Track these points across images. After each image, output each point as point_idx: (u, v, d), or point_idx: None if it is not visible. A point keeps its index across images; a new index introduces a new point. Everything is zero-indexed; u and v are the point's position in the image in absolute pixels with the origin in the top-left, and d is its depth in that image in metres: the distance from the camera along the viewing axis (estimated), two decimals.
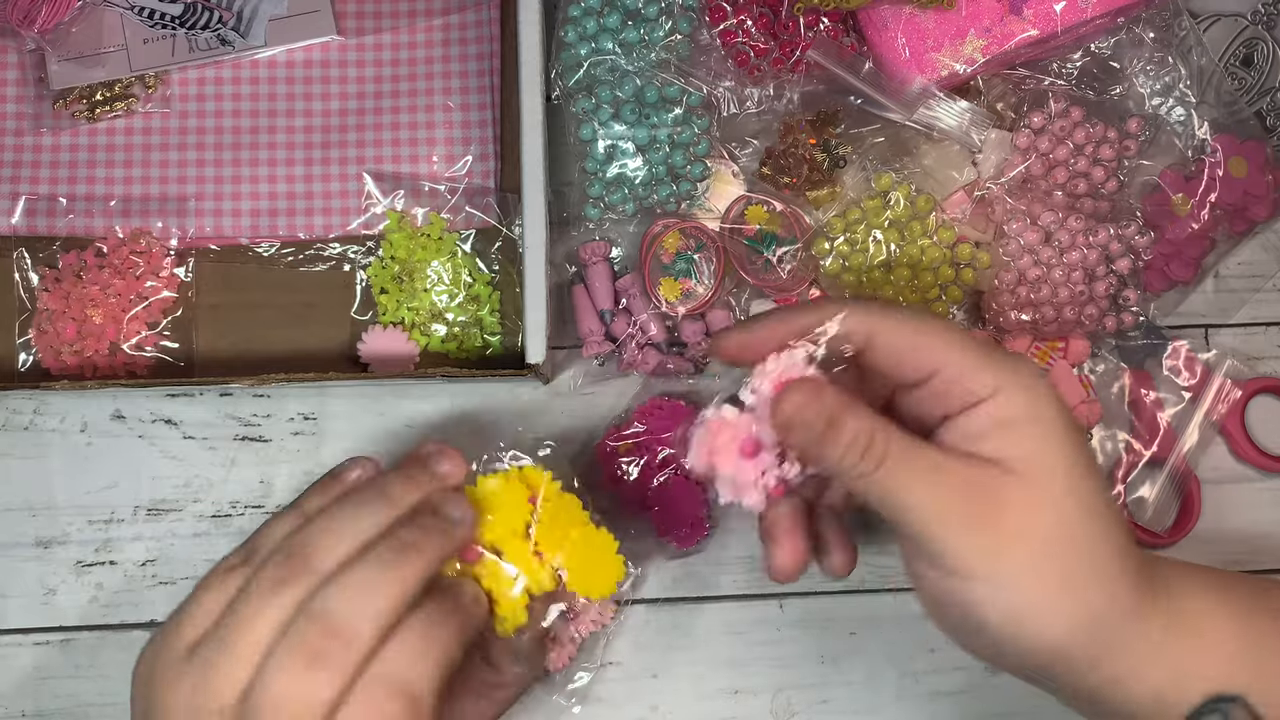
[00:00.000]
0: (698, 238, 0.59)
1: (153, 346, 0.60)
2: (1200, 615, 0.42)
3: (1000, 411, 0.41)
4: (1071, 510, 0.41)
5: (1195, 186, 0.59)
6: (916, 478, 0.41)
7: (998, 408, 0.41)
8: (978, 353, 0.42)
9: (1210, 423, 0.60)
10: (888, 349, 0.43)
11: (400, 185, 0.61)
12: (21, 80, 0.62)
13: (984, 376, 0.41)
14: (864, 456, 0.41)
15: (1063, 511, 0.41)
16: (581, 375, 0.60)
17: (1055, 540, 0.40)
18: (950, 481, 0.41)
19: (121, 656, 0.58)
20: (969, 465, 0.41)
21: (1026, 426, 0.41)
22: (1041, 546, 0.40)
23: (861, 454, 0.41)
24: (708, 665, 0.59)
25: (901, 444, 0.41)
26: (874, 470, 0.41)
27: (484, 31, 0.62)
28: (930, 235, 0.58)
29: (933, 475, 0.41)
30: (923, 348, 0.42)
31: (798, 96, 0.59)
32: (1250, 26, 0.62)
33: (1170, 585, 0.43)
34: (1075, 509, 0.41)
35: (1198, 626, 0.42)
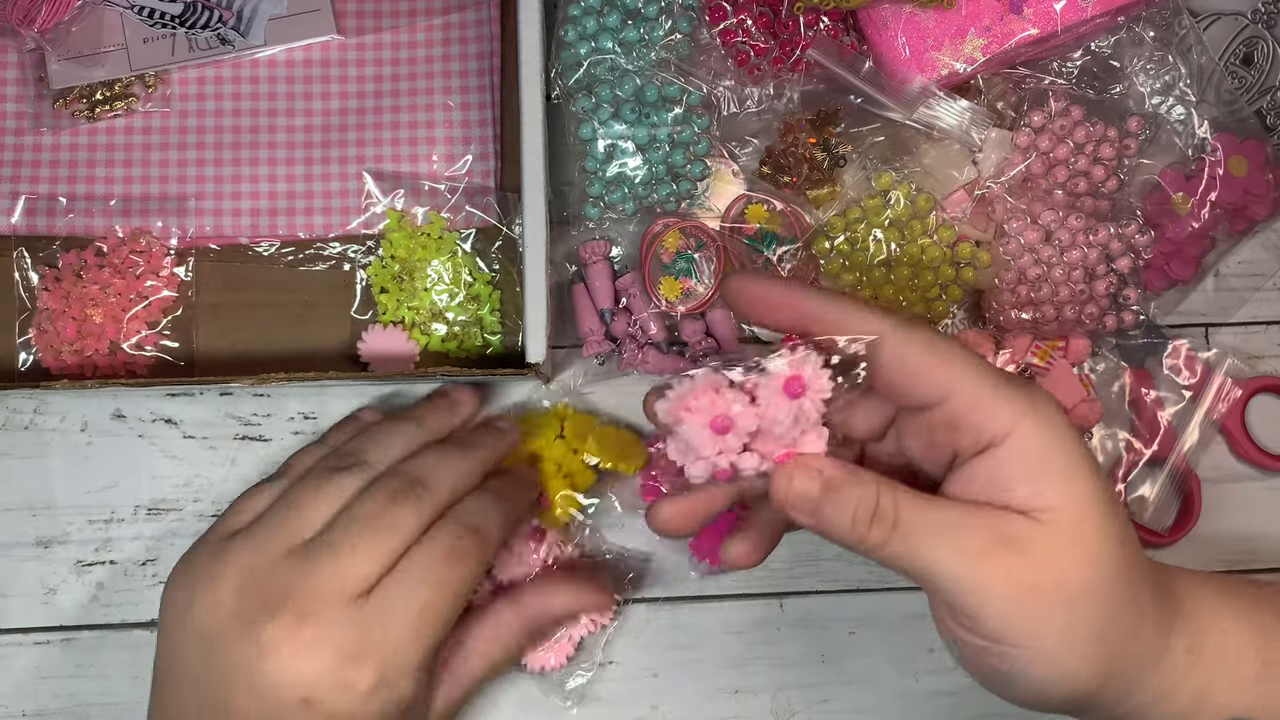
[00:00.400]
0: (698, 237, 0.59)
1: (153, 346, 0.60)
2: (1221, 637, 0.42)
3: (1021, 454, 0.38)
4: (1106, 555, 0.39)
5: (1195, 185, 0.59)
6: (937, 541, 0.38)
7: (1017, 451, 0.38)
8: (994, 381, 0.39)
9: (1210, 422, 0.60)
10: (896, 364, 0.40)
11: (400, 184, 0.61)
12: (21, 80, 0.62)
13: (1000, 410, 0.39)
14: (873, 525, 0.38)
15: (1098, 558, 0.39)
16: (581, 375, 0.60)
17: (1093, 590, 0.39)
18: (976, 541, 0.38)
19: (122, 656, 0.58)
20: (993, 518, 0.38)
21: (1052, 469, 0.39)
22: (1080, 599, 0.38)
23: (870, 523, 0.38)
24: (708, 665, 0.59)
25: (912, 504, 0.38)
26: (888, 537, 0.38)
27: (484, 31, 0.62)
28: (930, 234, 0.58)
29: (954, 536, 0.38)
30: (937, 367, 0.39)
31: (798, 96, 0.59)
32: (1250, 25, 0.62)
33: (1192, 605, 0.42)
34: (1108, 553, 0.39)
35: (1219, 650, 0.41)
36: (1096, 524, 0.39)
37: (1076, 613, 0.38)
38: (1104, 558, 0.39)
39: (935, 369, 0.39)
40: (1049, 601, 0.38)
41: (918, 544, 0.38)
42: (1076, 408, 0.59)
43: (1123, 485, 0.59)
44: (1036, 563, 0.38)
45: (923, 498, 0.39)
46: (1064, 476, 0.39)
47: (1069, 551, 0.38)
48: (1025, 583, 0.38)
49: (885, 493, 0.39)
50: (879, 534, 0.38)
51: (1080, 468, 0.39)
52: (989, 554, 0.38)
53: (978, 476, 0.39)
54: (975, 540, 0.38)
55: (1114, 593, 0.39)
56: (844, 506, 0.39)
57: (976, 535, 0.38)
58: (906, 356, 0.39)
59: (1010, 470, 0.39)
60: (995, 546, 0.38)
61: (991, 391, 0.39)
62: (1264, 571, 0.60)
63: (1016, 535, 0.38)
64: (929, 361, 0.39)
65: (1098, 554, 0.39)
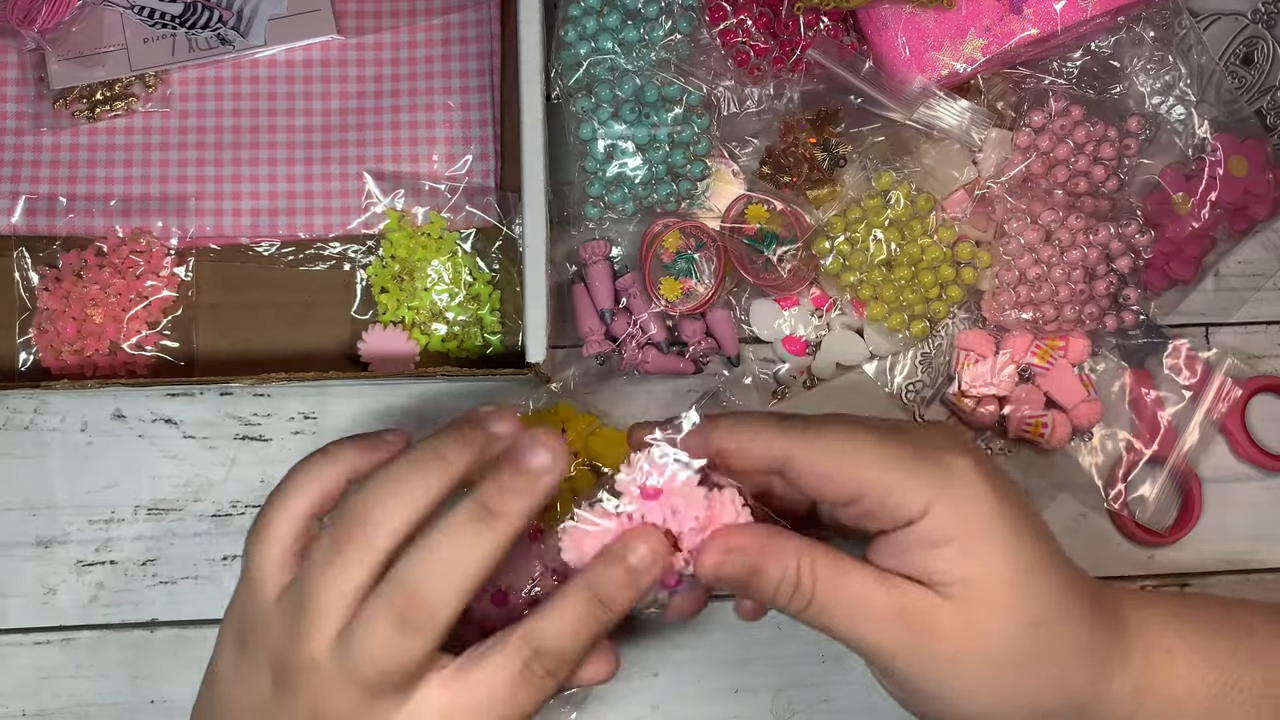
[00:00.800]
0: (698, 237, 0.59)
1: (153, 346, 0.60)
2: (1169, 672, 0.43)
3: (931, 533, 0.41)
4: (1013, 625, 0.41)
5: (1195, 185, 0.59)
6: (848, 611, 0.41)
7: (927, 529, 0.41)
8: (904, 470, 0.41)
9: (1211, 421, 0.60)
10: (808, 473, 0.42)
11: (400, 184, 0.61)
12: (21, 80, 0.62)
13: (912, 494, 0.41)
14: (794, 595, 0.42)
15: (1001, 632, 0.41)
16: (581, 374, 0.60)
17: (994, 658, 0.41)
18: (882, 612, 0.41)
19: (122, 656, 0.58)
20: (900, 593, 0.41)
21: (961, 545, 0.41)
22: (982, 667, 0.41)
23: (790, 595, 0.42)
24: (708, 665, 0.59)
25: (827, 577, 0.41)
26: (805, 609, 0.42)
27: (484, 31, 0.62)
28: (930, 234, 0.58)
29: (863, 608, 0.41)
30: (844, 470, 0.42)
31: (798, 96, 0.59)
32: (1250, 25, 0.62)
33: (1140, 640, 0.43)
34: (1015, 626, 0.41)
35: (1166, 686, 0.43)
36: (1003, 598, 0.41)
37: (978, 678, 0.41)
38: (1009, 629, 0.41)
39: (844, 474, 0.42)
40: (948, 667, 0.41)
41: (828, 617, 0.42)
42: (1077, 408, 0.59)
43: (1123, 485, 0.59)
44: (934, 634, 0.41)
45: (838, 567, 0.42)
46: (972, 551, 0.41)
47: (967, 626, 0.41)
48: (924, 650, 0.41)
49: (804, 565, 0.41)
50: (797, 604, 0.42)
51: (993, 540, 0.41)
52: (892, 625, 0.41)
53: (896, 548, 0.42)
54: (879, 612, 0.41)
55: (1021, 662, 0.41)
56: (766, 584, 0.42)
57: (880, 608, 0.41)
58: (813, 467, 0.42)
59: (920, 544, 0.41)
60: (897, 619, 0.41)
61: (903, 479, 0.41)
62: (1264, 571, 0.60)
63: (916, 609, 0.41)
64: (837, 468, 0.42)
65: (1000, 629, 0.41)
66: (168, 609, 0.59)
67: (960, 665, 0.41)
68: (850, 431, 0.42)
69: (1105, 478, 0.60)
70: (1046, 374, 0.59)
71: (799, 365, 0.60)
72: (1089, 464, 0.59)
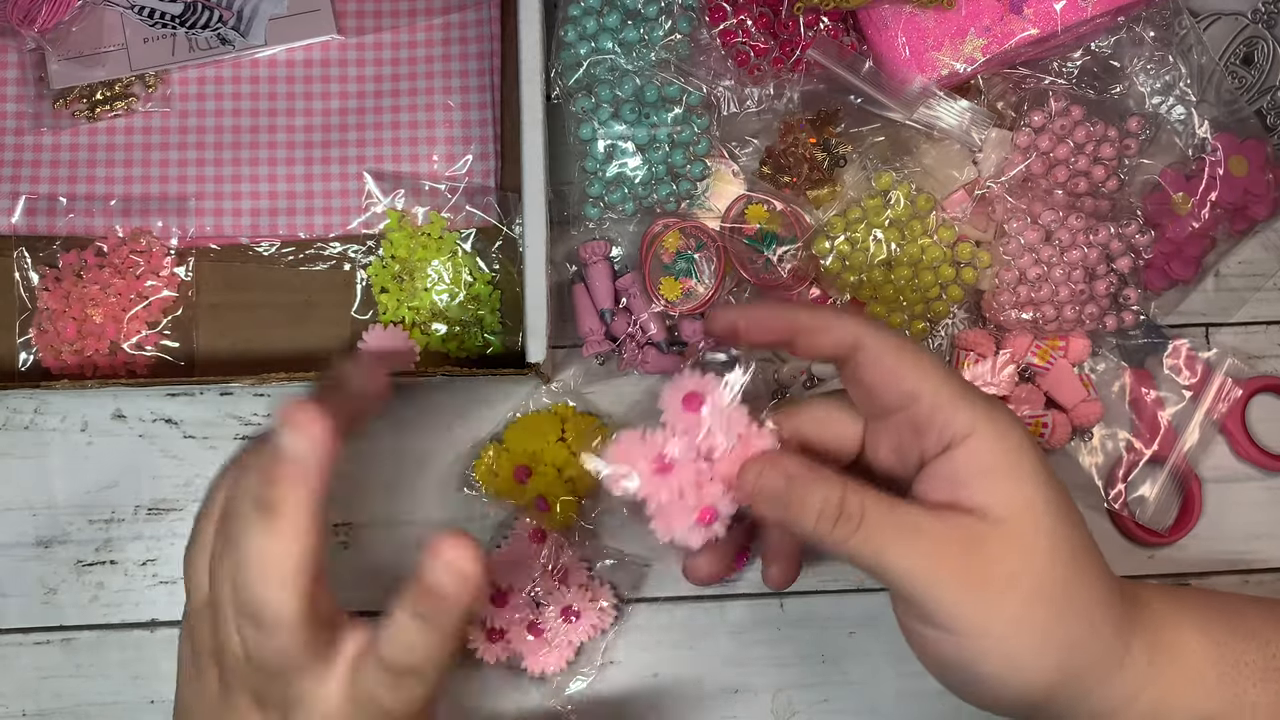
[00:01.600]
0: (698, 237, 0.59)
1: (153, 346, 0.60)
2: (1181, 645, 0.43)
3: (978, 456, 0.41)
4: (1056, 555, 0.41)
5: (1196, 185, 0.59)
6: (897, 539, 0.40)
7: (975, 452, 0.41)
8: (957, 388, 0.42)
9: (1211, 421, 0.60)
10: (871, 365, 0.42)
11: (400, 184, 0.61)
12: (21, 80, 0.62)
13: (962, 413, 0.41)
14: (838, 523, 0.41)
15: (1048, 557, 0.41)
16: (582, 374, 0.60)
17: (1043, 586, 0.41)
18: (933, 540, 0.40)
19: (122, 656, 0.58)
20: (950, 520, 0.41)
21: (1006, 472, 0.41)
22: (1030, 594, 0.40)
23: (835, 521, 0.41)
24: (708, 665, 0.59)
25: (876, 505, 0.41)
26: (851, 536, 0.40)
27: (484, 31, 0.62)
28: (931, 234, 0.58)
29: (914, 536, 0.40)
30: (905, 371, 0.42)
31: (798, 96, 0.59)
32: (1250, 25, 0.62)
33: (1151, 614, 0.43)
34: (1060, 554, 0.41)
35: (1179, 657, 0.43)
36: (1048, 527, 0.41)
37: (1025, 607, 0.40)
38: (1052, 560, 0.41)
39: (906, 372, 0.42)
40: (998, 594, 0.40)
41: (877, 543, 0.40)
42: (1077, 408, 0.59)
43: (1123, 485, 0.59)
44: (986, 559, 0.40)
45: (884, 498, 0.41)
46: (1017, 480, 0.41)
47: (1018, 550, 0.40)
48: (975, 577, 0.40)
49: (851, 492, 0.41)
50: (842, 531, 0.41)
51: (1034, 473, 0.41)
52: (942, 551, 0.40)
53: (939, 475, 0.42)
54: (930, 538, 0.40)
55: (1064, 594, 0.41)
56: (810, 503, 0.41)
57: (932, 534, 0.40)
58: (881, 358, 0.42)
59: (968, 470, 0.41)
60: (948, 544, 0.40)
61: (954, 396, 0.41)
62: (1264, 572, 0.60)
63: (968, 535, 0.40)
64: (901, 364, 0.42)
65: (1046, 555, 0.41)
66: (168, 609, 0.59)
67: (1009, 591, 0.40)
68: (918, 346, 0.43)
69: (1105, 478, 0.60)
70: (1046, 374, 0.59)
71: (799, 365, 0.60)
72: (1089, 464, 0.60)
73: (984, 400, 0.42)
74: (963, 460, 0.41)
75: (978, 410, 0.41)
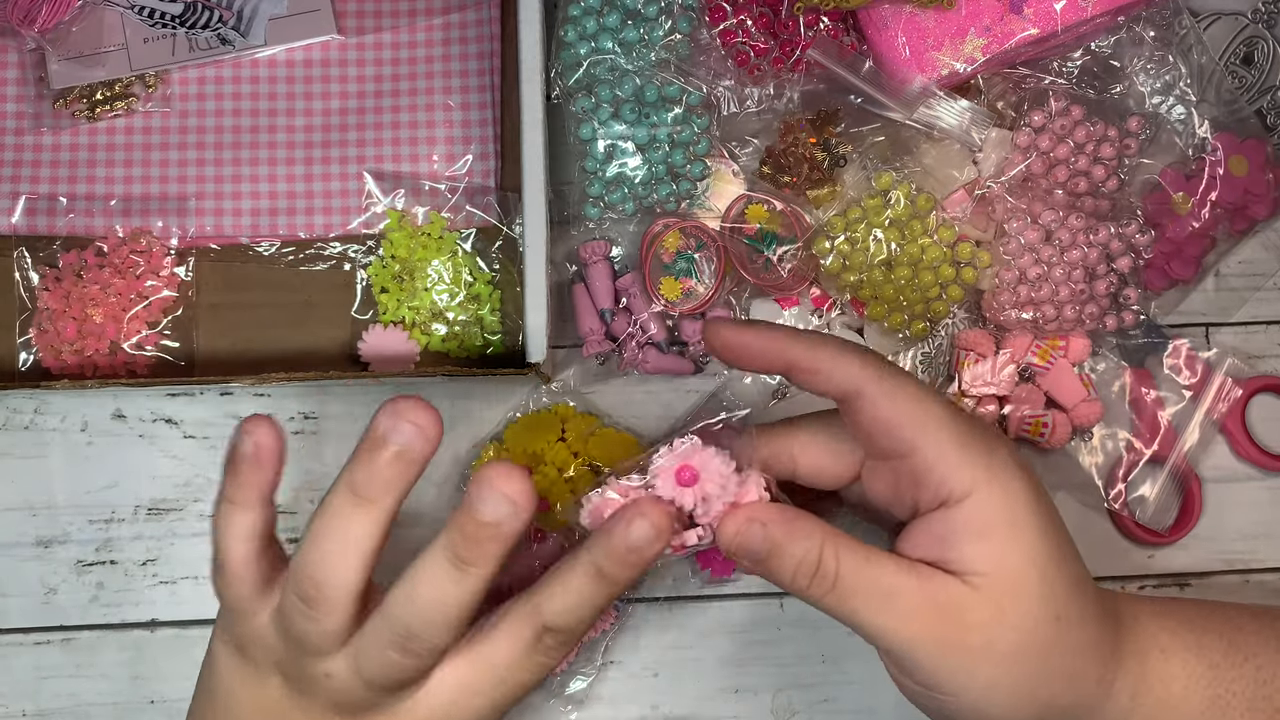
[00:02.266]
0: (698, 237, 0.59)
1: (153, 346, 0.60)
2: (1169, 676, 0.43)
3: (972, 519, 0.40)
4: (1038, 621, 0.41)
5: (1196, 185, 0.59)
6: (872, 600, 0.40)
7: (970, 514, 0.40)
8: (959, 442, 0.41)
9: (1211, 421, 0.60)
10: (869, 412, 0.42)
11: (400, 184, 0.61)
12: (21, 80, 0.62)
13: (961, 471, 0.40)
14: (814, 580, 0.41)
15: (1031, 621, 0.41)
16: (582, 374, 0.60)
17: (1022, 650, 0.41)
18: (910, 603, 0.40)
19: (122, 656, 0.58)
20: (931, 582, 0.40)
21: (997, 535, 0.40)
22: (1008, 657, 0.40)
23: (810, 579, 0.41)
24: (708, 665, 0.59)
25: (853, 564, 0.40)
26: (826, 594, 0.41)
27: (484, 31, 0.62)
28: (931, 234, 0.58)
29: (889, 598, 0.40)
30: (906, 422, 0.41)
31: (798, 96, 0.59)
32: (1250, 25, 0.62)
33: (1142, 641, 0.44)
34: (1044, 615, 0.41)
35: (1164, 690, 0.43)
36: (1034, 592, 0.40)
37: (1003, 670, 0.40)
38: (1035, 623, 0.41)
39: (905, 422, 0.41)
40: (975, 659, 0.40)
41: (854, 603, 0.40)
42: (1077, 408, 0.59)
43: (1123, 485, 0.59)
44: (964, 625, 0.40)
45: (862, 554, 0.41)
46: (1008, 545, 0.40)
47: (998, 617, 0.40)
48: (950, 642, 0.40)
49: (827, 550, 0.40)
50: (818, 589, 0.41)
51: (1029, 537, 0.41)
52: (919, 614, 0.40)
53: (929, 531, 0.41)
54: (907, 601, 0.40)
55: (1044, 653, 0.41)
56: (786, 559, 0.41)
57: (909, 597, 0.40)
58: (879, 407, 0.41)
59: (958, 531, 0.40)
60: (925, 609, 0.40)
61: (956, 451, 0.41)
62: (1264, 571, 0.60)
63: (947, 599, 0.40)
64: (899, 414, 0.41)
65: (1028, 619, 0.40)
66: (168, 609, 0.59)
67: (986, 657, 0.40)
68: (922, 390, 0.42)
69: (1105, 478, 0.60)
70: (1046, 374, 0.59)
71: None
72: (1089, 464, 0.59)
73: (987, 455, 0.41)
74: (956, 521, 0.40)
75: (978, 469, 0.40)
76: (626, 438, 0.59)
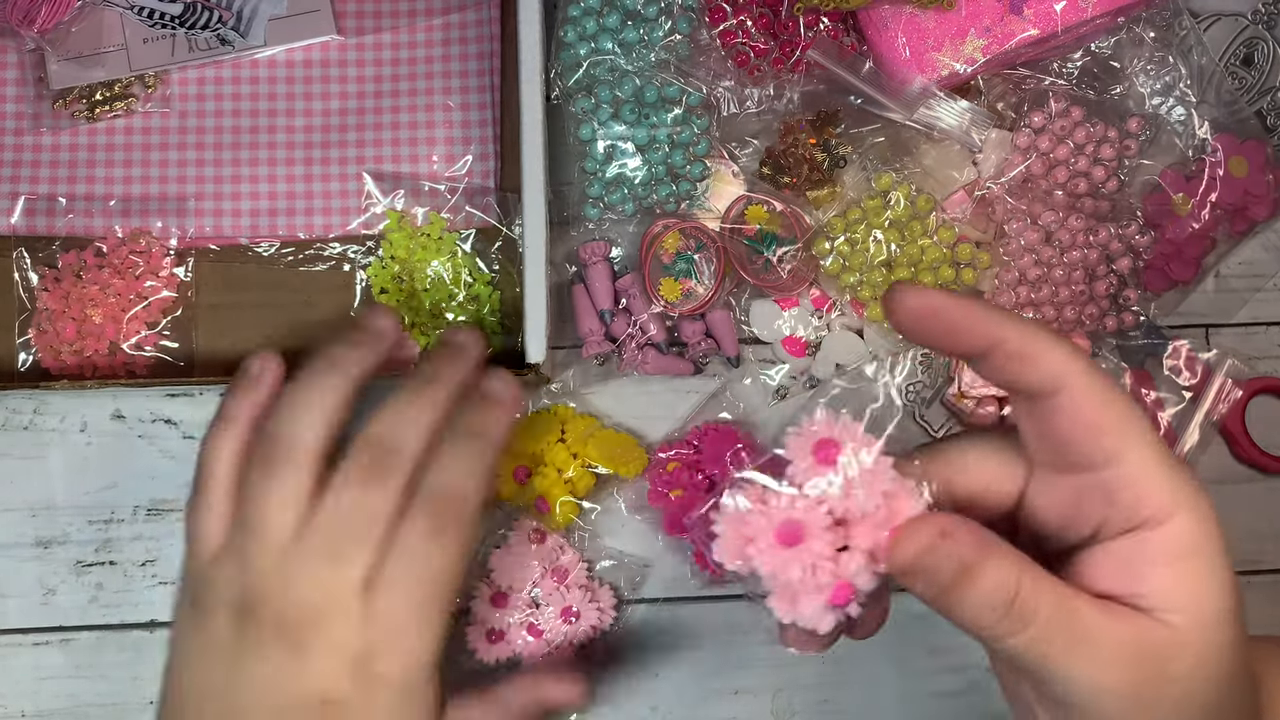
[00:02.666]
0: (698, 238, 0.59)
1: (152, 346, 0.60)
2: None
3: (1173, 545, 0.34)
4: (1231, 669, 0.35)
5: (1196, 186, 0.59)
6: (1070, 648, 0.34)
7: (1171, 540, 0.34)
8: (1164, 456, 0.35)
9: (1211, 423, 0.60)
10: (1071, 412, 0.35)
11: (400, 185, 0.61)
12: (21, 80, 0.62)
13: (1166, 490, 0.34)
14: (1006, 616, 0.34)
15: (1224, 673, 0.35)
16: (581, 375, 0.60)
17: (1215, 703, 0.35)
18: (1109, 650, 0.34)
19: (121, 656, 0.58)
20: (1125, 622, 0.34)
21: (1197, 566, 0.34)
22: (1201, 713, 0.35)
23: (1004, 613, 0.34)
24: (708, 665, 0.59)
25: (1054, 600, 0.34)
26: (1017, 634, 0.34)
27: (484, 31, 0.62)
28: (930, 235, 0.58)
29: (1089, 645, 0.34)
30: (1110, 426, 0.35)
31: (798, 96, 0.59)
32: (1250, 26, 0.62)
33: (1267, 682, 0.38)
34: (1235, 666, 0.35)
35: None
36: (1228, 639, 0.35)
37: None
38: (1231, 676, 0.35)
39: (1111, 427, 0.35)
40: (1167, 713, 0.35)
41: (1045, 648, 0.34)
42: None
43: None
44: (1165, 677, 0.34)
45: (1059, 593, 0.34)
46: (1207, 580, 0.35)
47: (1199, 669, 0.35)
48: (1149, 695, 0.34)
49: (1026, 580, 0.34)
50: (1008, 626, 0.34)
51: (1224, 573, 0.35)
52: (1118, 664, 0.34)
53: (1118, 558, 0.35)
54: (1107, 648, 0.34)
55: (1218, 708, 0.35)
56: (978, 589, 0.34)
57: (1109, 642, 0.34)
58: (1084, 407, 0.35)
59: (1155, 559, 0.34)
60: (1122, 655, 0.34)
61: (1162, 470, 0.35)
62: (1265, 573, 0.60)
63: (1145, 644, 0.34)
64: (1106, 417, 0.35)
65: (1227, 673, 0.35)
66: (167, 610, 0.59)
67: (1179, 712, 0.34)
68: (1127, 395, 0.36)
69: None
70: None
71: (799, 366, 0.60)
72: None
73: (1191, 479, 0.35)
74: (1155, 546, 0.34)
75: (1184, 490, 0.34)
76: (626, 438, 0.59)
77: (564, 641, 0.57)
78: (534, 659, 0.57)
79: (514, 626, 0.57)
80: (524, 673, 0.52)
